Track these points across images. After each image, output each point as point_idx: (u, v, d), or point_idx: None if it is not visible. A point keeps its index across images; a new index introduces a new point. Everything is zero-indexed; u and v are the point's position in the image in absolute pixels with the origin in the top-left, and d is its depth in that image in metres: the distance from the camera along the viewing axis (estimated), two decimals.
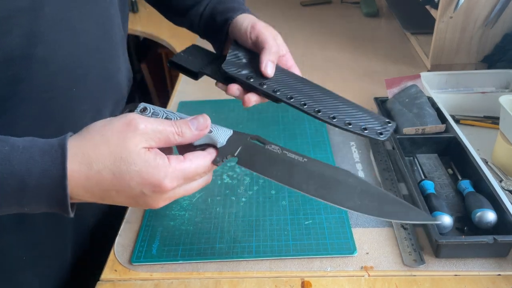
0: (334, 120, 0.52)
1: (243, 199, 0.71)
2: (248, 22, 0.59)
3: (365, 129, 0.52)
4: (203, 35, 0.69)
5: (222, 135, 0.47)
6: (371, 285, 0.57)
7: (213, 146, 0.47)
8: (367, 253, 0.61)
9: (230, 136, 0.47)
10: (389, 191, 0.70)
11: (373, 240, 0.63)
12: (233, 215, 0.68)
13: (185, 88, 1.06)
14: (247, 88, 0.56)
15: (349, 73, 1.09)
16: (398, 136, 0.76)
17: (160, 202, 0.43)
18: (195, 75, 0.61)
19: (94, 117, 0.58)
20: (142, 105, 0.47)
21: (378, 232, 0.64)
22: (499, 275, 0.57)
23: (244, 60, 0.59)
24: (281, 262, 0.60)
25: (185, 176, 0.42)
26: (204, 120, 0.45)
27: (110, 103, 0.62)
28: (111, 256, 0.63)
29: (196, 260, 0.61)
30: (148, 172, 0.40)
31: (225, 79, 0.58)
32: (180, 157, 0.42)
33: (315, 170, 0.46)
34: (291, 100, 0.54)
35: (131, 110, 0.48)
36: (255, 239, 0.63)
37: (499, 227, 0.60)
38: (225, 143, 0.46)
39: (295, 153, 0.48)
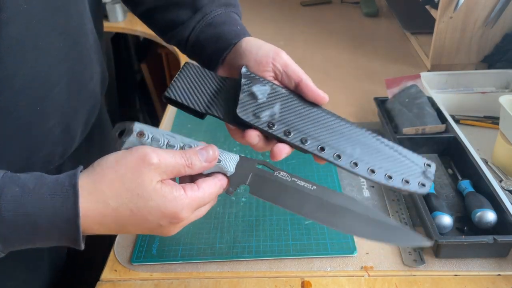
0: (373, 174, 0.47)
1: (243, 199, 0.71)
2: (268, 49, 0.52)
3: (407, 181, 0.47)
4: (191, 58, 0.61)
5: (231, 162, 0.47)
6: (371, 285, 0.57)
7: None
8: (367, 253, 0.61)
9: (238, 162, 0.47)
10: (389, 191, 0.71)
11: None
12: (233, 215, 0.68)
13: None
14: (269, 135, 0.48)
15: (349, 73, 1.09)
16: (398, 136, 0.76)
17: (175, 230, 0.44)
18: (200, 115, 0.51)
19: (65, 130, 0.56)
20: (138, 127, 0.45)
21: None
22: (499, 275, 0.57)
23: (261, 98, 0.48)
24: (281, 262, 0.60)
25: (199, 205, 0.44)
26: (213, 152, 0.45)
27: (83, 113, 0.59)
28: (111, 256, 0.63)
29: (196, 260, 0.61)
30: (166, 206, 0.41)
31: (238, 122, 0.48)
32: (194, 186, 0.43)
33: (323, 198, 0.47)
34: (323, 152, 0.47)
35: (124, 131, 0.45)
36: (255, 239, 0.63)
37: (499, 227, 0.60)
38: (234, 171, 0.47)
39: (303, 180, 0.48)
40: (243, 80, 0.49)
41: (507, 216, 0.59)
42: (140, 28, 1.56)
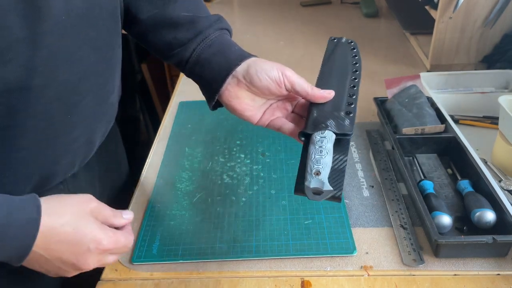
0: None
1: (243, 199, 0.71)
2: (276, 70, 0.56)
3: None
4: (190, 77, 0.64)
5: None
6: (371, 284, 0.57)
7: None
8: (367, 253, 0.61)
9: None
10: (389, 191, 0.71)
11: (372, 240, 0.63)
12: (233, 215, 0.68)
13: (185, 88, 1.06)
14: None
15: None
16: (397, 136, 0.76)
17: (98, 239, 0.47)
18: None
19: (87, 139, 0.58)
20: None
21: (377, 232, 0.64)
22: (498, 274, 0.57)
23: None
24: (281, 262, 0.61)
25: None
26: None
27: (102, 124, 0.62)
28: None
29: (196, 260, 0.61)
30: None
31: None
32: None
33: None
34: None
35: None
36: (255, 239, 0.63)
37: (498, 227, 0.60)
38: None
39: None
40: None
41: (507, 216, 0.59)
42: None
